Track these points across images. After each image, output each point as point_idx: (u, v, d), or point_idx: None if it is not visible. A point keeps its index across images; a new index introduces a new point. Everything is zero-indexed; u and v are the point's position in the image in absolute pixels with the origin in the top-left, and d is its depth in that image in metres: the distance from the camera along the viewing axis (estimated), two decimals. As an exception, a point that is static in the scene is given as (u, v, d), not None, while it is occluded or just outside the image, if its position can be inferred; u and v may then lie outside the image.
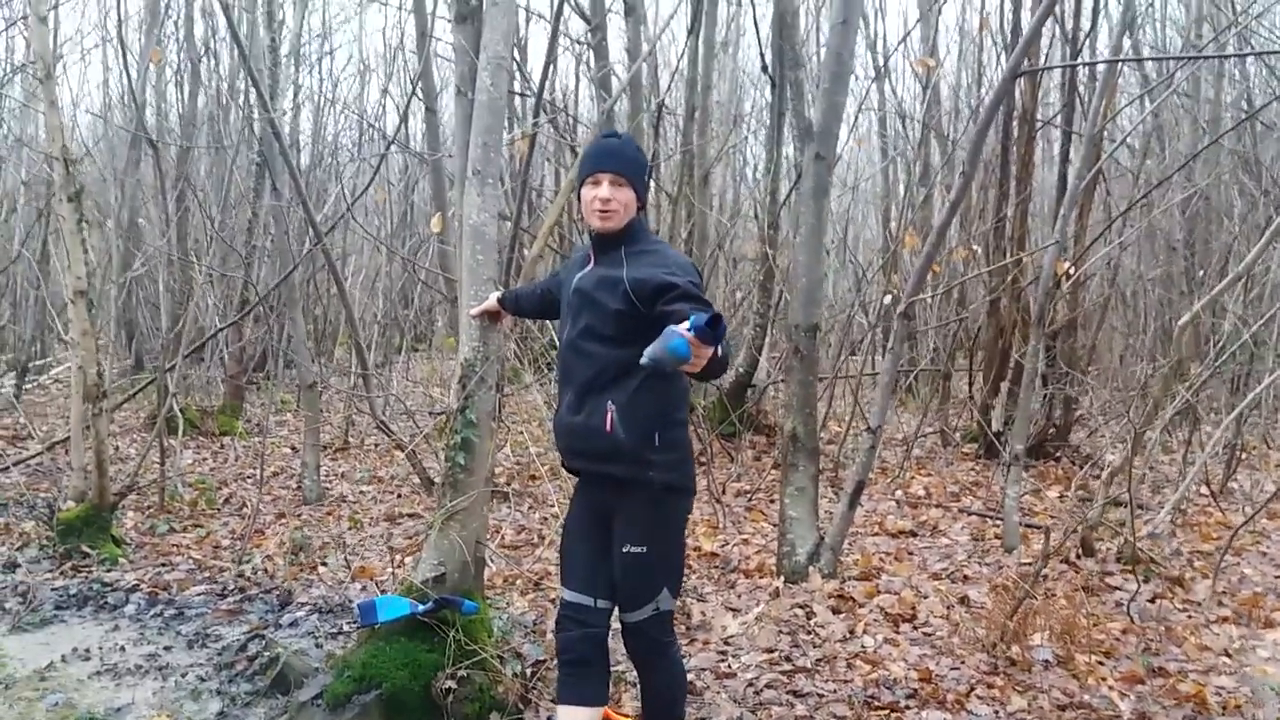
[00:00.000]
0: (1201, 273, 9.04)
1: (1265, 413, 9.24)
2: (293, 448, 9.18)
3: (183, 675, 3.72)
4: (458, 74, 3.97)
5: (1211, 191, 9.82)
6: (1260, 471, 8.05)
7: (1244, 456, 7.85)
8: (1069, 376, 8.05)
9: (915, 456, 8.53)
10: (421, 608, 3.18)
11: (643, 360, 2.08)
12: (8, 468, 6.90)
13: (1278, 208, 8.87)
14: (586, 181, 2.72)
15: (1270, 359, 7.44)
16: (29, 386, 11.71)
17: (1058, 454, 8.36)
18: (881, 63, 11.81)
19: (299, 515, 6.59)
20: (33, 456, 7.19)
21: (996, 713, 3.48)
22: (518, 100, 10.68)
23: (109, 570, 5.07)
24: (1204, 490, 7.04)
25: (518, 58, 10.63)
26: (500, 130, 3.49)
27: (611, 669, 2.90)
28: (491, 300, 3.34)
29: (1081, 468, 7.76)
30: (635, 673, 2.89)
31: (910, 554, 5.63)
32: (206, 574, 5.13)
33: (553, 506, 6.36)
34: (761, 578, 5.14)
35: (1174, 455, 8.25)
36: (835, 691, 3.67)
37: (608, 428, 2.59)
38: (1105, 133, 7.42)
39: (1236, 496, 7.16)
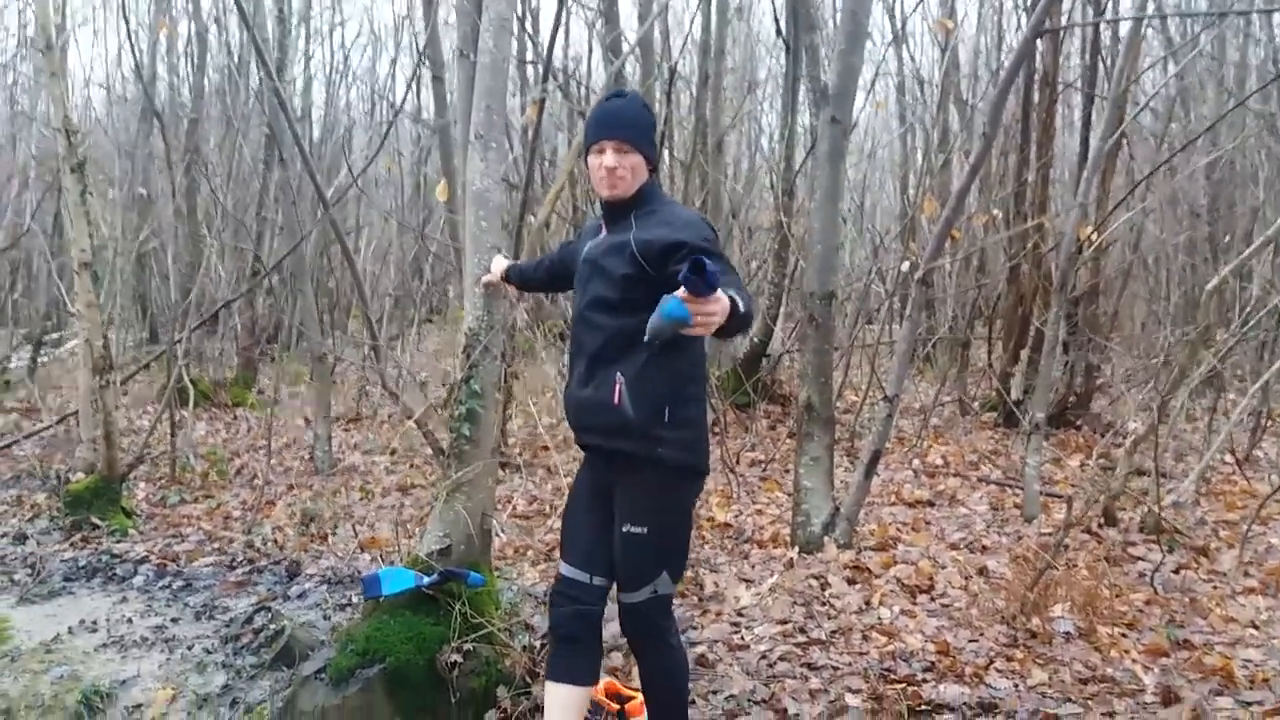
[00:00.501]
0: (1227, 238, 8.83)
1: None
2: (306, 419, 9.14)
3: (189, 647, 3.68)
4: (460, 35, 3.86)
5: (1236, 156, 9.58)
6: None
7: (1269, 424, 7.70)
8: (1090, 343, 7.90)
9: (933, 425, 8.42)
10: (426, 580, 3.11)
11: (645, 337, 1.95)
12: (17, 440, 6.89)
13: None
14: (591, 150, 2.60)
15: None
16: (44, 360, 11.74)
17: (1078, 422, 8.23)
18: (899, 26, 11.57)
19: (310, 486, 6.56)
20: (45, 429, 7.19)
21: (1016, 686, 3.39)
22: (529, 70, 10.54)
23: (118, 541, 5.05)
24: (1228, 458, 6.90)
25: (529, 28, 10.49)
26: (503, 93, 3.38)
27: (603, 648, 2.83)
28: (496, 271, 3.24)
29: (1103, 436, 7.64)
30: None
31: (928, 524, 5.53)
32: (216, 545, 5.10)
33: (566, 477, 6.29)
34: (775, 548, 5.06)
35: (1197, 423, 8.11)
36: (850, 664, 3.59)
37: (615, 401, 2.48)
38: (1128, 95, 7.23)
39: (1262, 465, 7.03)
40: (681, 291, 1.86)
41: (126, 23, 8.19)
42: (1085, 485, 6.25)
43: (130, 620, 3.96)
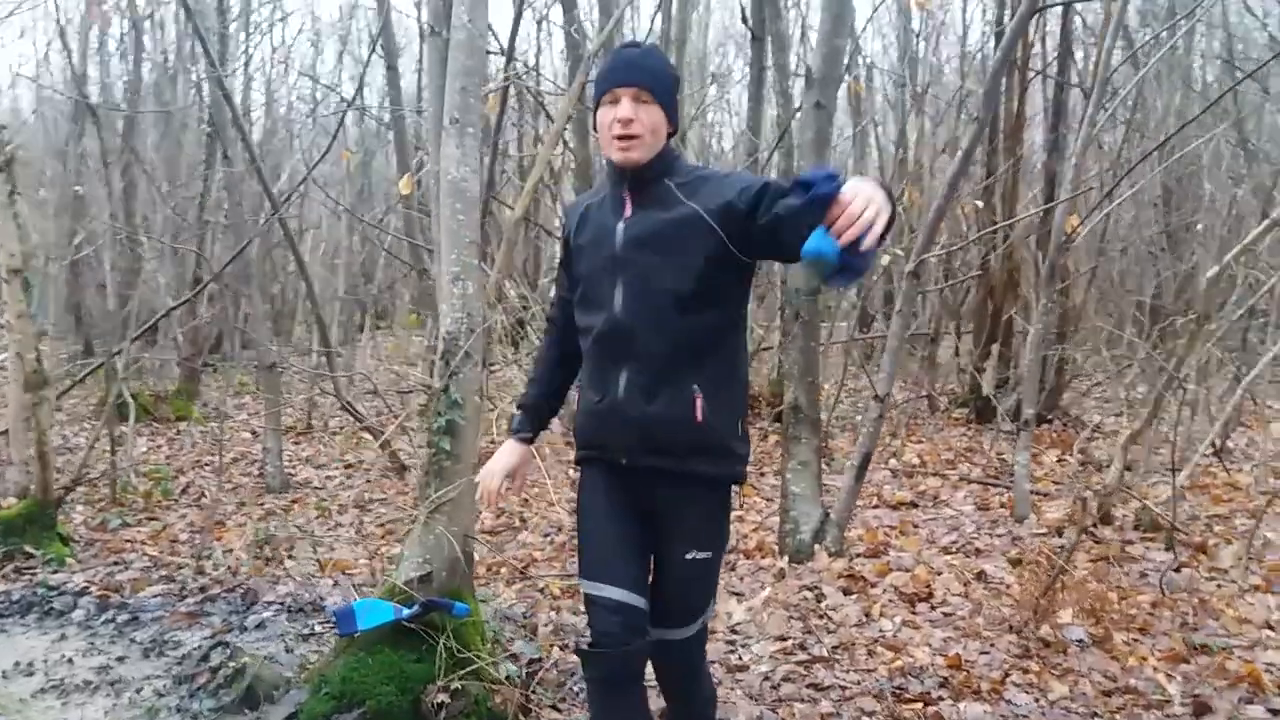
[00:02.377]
0: (1200, 227, 8.82)
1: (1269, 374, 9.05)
2: (253, 432, 8.74)
3: (138, 690, 3.33)
4: (430, 10, 3.55)
5: (1199, 150, 9.58)
6: (1254, 430, 7.86)
7: (1239, 415, 7.66)
8: (1062, 337, 7.80)
9: (903, 423, 8.26)
10: (406, 612, 2.81)
11: (827, 278, 1.73)
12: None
13: None
14: (603, 102, 2.13)
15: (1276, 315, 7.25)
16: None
17: (1050, 417, 8.14)
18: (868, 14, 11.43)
19: (262, 505, 6.19)
20: (-28, 449, 6.70)
21: (1037, 701, 3.19)
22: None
23: (55, 572, 4.64)
24: (1205, 450, 6.83)
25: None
26: (481, 72, 3.09)
27: None
28: (519, 453, 2.44)
29: (1077, 431, 7.54)
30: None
31: (915, 527, 5.35)
32: (163, 572, 4.73)
33: (534, 488, 6.00)
34: (763, 558, 4.84)
35: (1164, 413, 8.03)
36: (859, 683, 3.37)
37: (698, 417, 2.07)
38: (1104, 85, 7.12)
39: (1236, 455, 6.98)
40: (821, 211, 1.68)
41: (57, 17, 7.71)
42: (1069, 482, 6.12)
43: (71, 660, 3.59)
